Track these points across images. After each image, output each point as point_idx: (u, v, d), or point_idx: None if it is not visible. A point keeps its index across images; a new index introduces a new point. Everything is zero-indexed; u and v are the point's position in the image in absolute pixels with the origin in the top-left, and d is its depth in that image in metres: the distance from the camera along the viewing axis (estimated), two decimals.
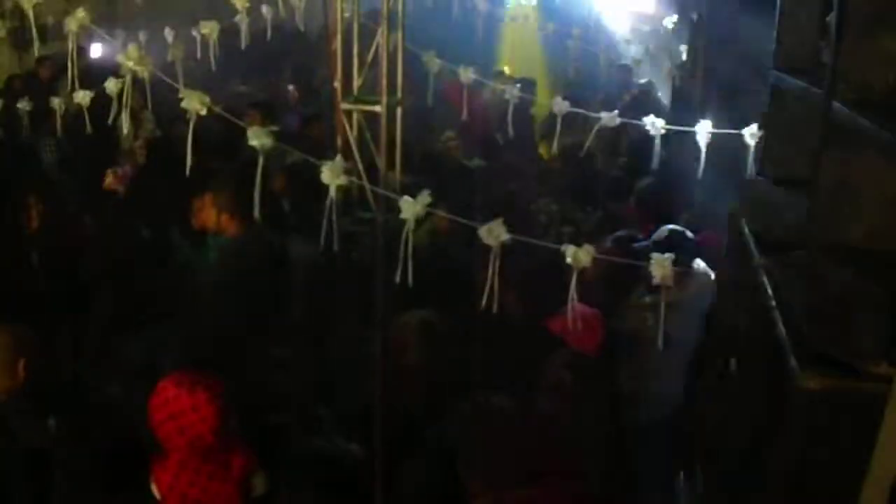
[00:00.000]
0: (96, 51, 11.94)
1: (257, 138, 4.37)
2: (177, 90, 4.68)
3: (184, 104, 4.56)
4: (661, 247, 5.70)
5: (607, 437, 4.89)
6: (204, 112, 4.54)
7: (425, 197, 4.34)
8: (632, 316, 5.97)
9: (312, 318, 6.18)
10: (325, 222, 4.44)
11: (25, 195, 7.27)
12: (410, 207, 4.31)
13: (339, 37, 6.16)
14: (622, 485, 4.84)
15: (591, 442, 4.66)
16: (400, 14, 5.48)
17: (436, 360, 4.99)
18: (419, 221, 4.45)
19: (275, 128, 4.53)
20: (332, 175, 4.34)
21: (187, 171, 4.72)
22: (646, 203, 7.58)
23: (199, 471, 4.31)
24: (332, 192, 4.37)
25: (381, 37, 5.52)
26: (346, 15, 6.21)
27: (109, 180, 7.71)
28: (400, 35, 5.59)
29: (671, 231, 6.33)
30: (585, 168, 8.59)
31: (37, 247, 7.00)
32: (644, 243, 6.31)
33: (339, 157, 4.46)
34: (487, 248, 4.23)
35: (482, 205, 6.95)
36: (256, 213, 4.58)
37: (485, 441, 3.98)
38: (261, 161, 4.39)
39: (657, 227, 6.43)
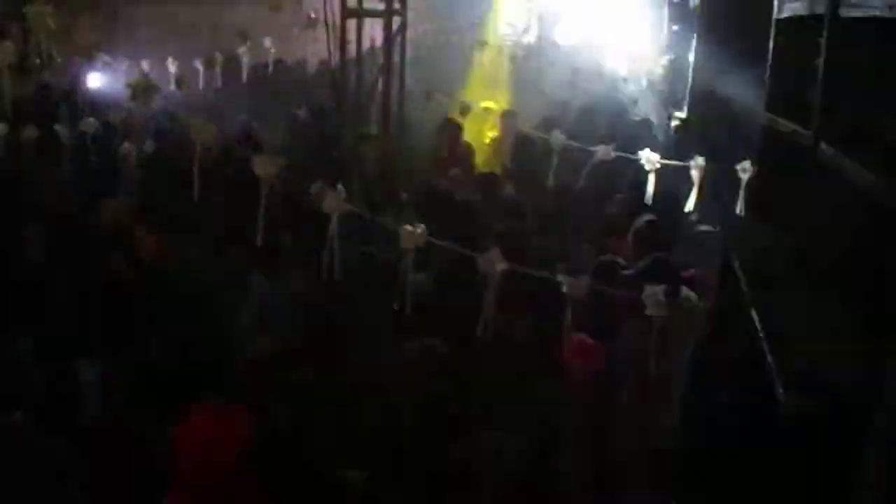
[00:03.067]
0: (97, 78, 11.99)
1: (262, 167, 4.49)
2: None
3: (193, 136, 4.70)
4: (647, 275, 5.88)
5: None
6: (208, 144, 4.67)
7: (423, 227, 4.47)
8: (627, 343, 6.05)
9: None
10: (326, 252, 4.55)
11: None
12: (410, 238, 4.44)
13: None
14: None
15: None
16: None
17: (440, 388, 5.03)
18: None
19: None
20: (334, 204, 4.46)
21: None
22: (644, 239, 7.68)
23: None
24: (334, 221, 4.48)
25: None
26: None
27: None
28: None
29: (656, 259, 6.47)
30: (581, 203, 8.68)
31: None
32: (631, 272, 6.43)
33: (340, 187, 4.58)
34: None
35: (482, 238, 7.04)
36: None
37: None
38: (263, 190, 4.50)
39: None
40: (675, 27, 12.67)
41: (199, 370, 5.26)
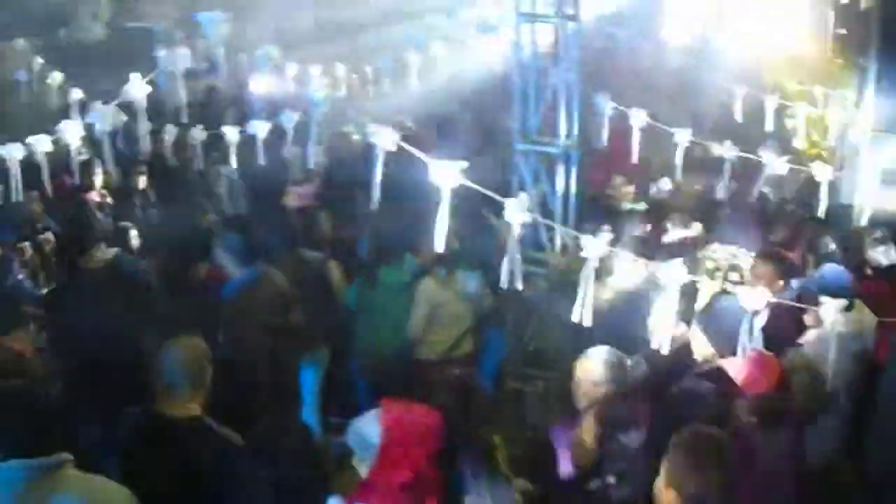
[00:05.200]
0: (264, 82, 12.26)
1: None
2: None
3: (374, 139, 4.75)
4: (821, 284, 5.82)
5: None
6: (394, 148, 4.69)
7: (606, 236, 4.42)
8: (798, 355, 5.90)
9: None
10: (506, 259, 4.53)
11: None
12: (593, 246, 4.38)
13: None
14: None
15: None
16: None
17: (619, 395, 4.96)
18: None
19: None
20: (515, 212, 4.42)
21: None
22: (812, 248, 7.53)
23: None
24: (516, 229, 4.45)
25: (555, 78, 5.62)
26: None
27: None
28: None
29: (830, 269, 6.27)
30: (756, 212, 8.57)
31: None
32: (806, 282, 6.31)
33: (523, 194, 4.55)
34: None
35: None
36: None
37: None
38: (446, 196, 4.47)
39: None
40: (841, 31, 12.31)
41: None
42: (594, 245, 4.37)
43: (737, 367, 5.22)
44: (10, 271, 8.30)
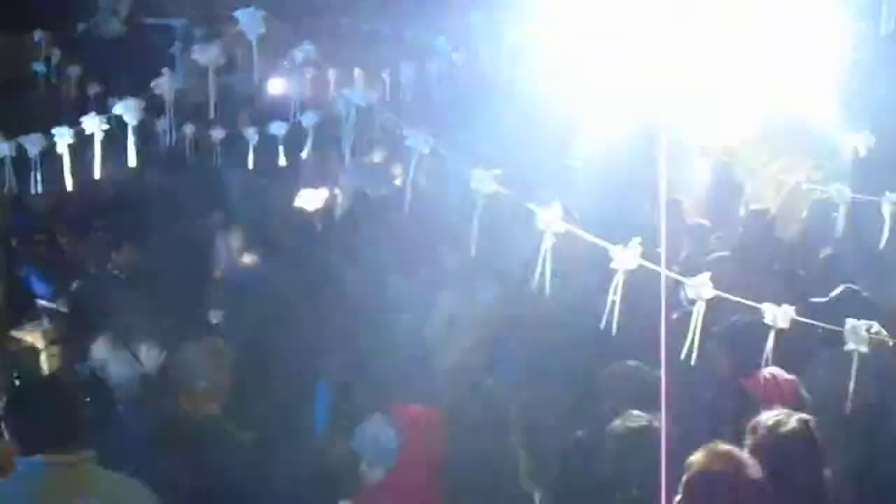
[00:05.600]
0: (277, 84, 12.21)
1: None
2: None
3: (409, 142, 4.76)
4: (840, 305, 5.94)
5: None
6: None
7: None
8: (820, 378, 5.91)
9: None
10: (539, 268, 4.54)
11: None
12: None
13: None
14: None
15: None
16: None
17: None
18: None
19: None
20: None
21: None
22: (830, 270, 7.54)
23: None
24: (548, 237, 4.46)
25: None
26: None
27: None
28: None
29: (846, 288, 6.44)
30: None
31: None
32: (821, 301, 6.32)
33: (558, 203, 4.54)
34: None
35: None
36: None
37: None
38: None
39: None
40: (854, 56, 12.30)
41: None
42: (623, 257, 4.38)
43: (756, 384, 5.25)
44: (25, 264, 8.33)
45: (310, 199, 8.68)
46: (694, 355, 4.58)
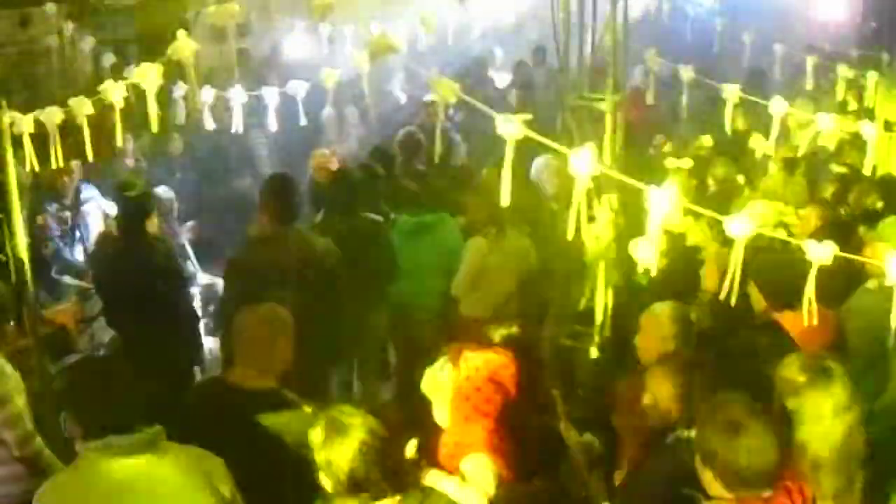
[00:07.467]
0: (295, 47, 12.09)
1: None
2: None
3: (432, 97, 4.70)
4: None
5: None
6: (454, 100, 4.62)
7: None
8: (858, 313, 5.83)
9: None
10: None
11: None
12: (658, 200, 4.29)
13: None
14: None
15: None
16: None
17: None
18: None
19: None
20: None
21: None
22: (860, 205, 7.50)
23: None
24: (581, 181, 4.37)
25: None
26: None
27: None
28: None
29: None
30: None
31: None
32: None
33: (587, 146, 4.43)
34: None
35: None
36: None
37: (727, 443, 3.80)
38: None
39: None
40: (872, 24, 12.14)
41: None
42: (659, 198, 4.25)
43: (793, 322, 5.17)
44: (51, 240, 8.31)
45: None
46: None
